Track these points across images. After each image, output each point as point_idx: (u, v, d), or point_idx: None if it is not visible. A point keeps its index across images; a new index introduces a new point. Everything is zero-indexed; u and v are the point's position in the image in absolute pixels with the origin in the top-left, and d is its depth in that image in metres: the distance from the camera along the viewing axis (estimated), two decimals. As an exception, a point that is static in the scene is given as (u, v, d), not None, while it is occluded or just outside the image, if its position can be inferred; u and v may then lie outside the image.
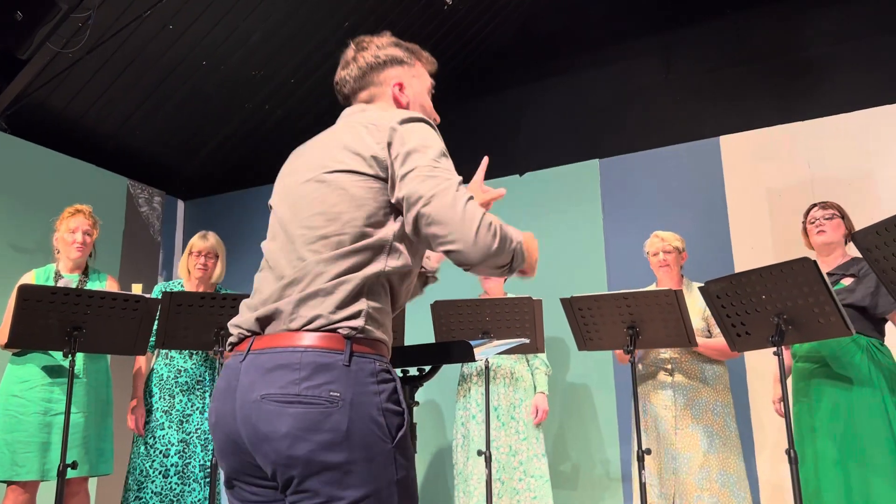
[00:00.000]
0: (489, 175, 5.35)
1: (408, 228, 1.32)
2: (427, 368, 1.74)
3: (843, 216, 3.21)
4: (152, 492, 3.34)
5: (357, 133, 1.38)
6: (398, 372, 1.78)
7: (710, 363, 3.39)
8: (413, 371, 1.75)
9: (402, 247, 1.35)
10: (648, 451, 3.02)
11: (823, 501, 2.92)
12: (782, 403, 3.20)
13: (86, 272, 3.44)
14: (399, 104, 1.56)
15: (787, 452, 2.64)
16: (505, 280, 4.02)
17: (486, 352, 1.74)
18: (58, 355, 3.20)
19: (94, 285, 3.39)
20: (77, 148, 4.96)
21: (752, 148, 4.54)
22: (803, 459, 3.05)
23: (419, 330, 4.92)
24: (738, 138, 4.60)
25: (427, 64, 1.66)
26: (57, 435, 3.12)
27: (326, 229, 1.31)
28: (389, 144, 1.34)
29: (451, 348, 1.63)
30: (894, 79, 4.28)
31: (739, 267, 4.32)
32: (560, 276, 4.86)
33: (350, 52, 1.60)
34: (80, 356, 3.27)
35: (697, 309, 3.40)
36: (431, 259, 1.79)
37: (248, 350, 1.30)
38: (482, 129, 5.60)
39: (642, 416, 3.42)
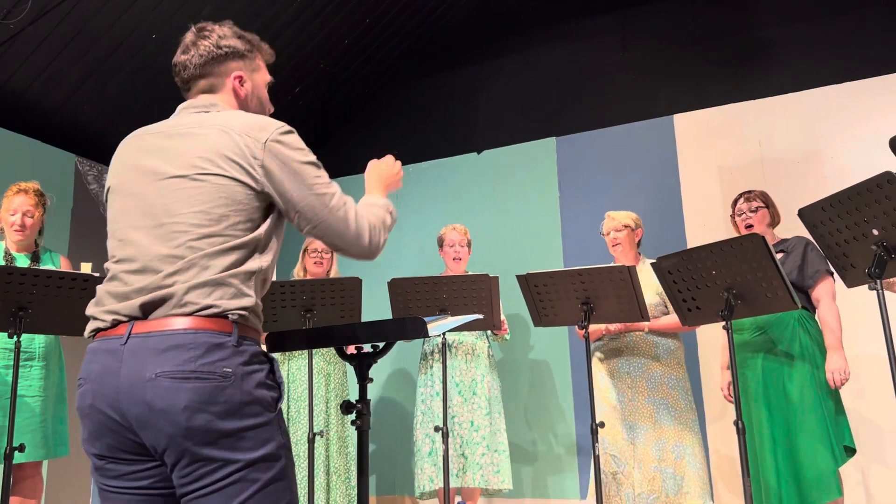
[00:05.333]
0: (448, 153, 5.35)
1: (304, 233, 1.52)
2: (381, 345, 1.74)
3: (768, 205, 3.35)
4: None
5: (230, 140, 1.46)
6: (353, 349, 1.78)
7: (664, 338, 3.46)
8: (367, 348, 1.75)
9: (271, 245, 1.50)
10: (602, 425, 3.08)
11: (762, 471, 3.06)
12: (730, 388, 3.33)
13: (36, 253, 3.35)
14: (238, 97, 1.64)
15: (736, 424, 2.72)
16: (468, 257, 4.06)
17: (441, 327, 1.75)
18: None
19: (46, 265, 3.30)
20: (21, 123, 4.79)
21: (704, 126, 4.61)
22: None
23: (377, 308, 4.91)
24: (691, 117, 4.66)
25: (266, 55, 1.73)
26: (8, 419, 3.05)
27: (210, 228, 1.41)
28: (263, 165, 1.45)
29: (404, 325, 1.62)
30: (841, 60, 4.38)
31: (692, 243, 4.40)
32: (517, 253, 4.89)
33: (190, 36, 1.64)
34: (39, 338, 3.22)
35: (653, 285, 3.46)
36: None
37: (129, 334, 1.36)
38: (440, 106, 5.57)
39: (598, 389, 3.48)
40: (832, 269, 3.07)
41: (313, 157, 1.52)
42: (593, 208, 4.67)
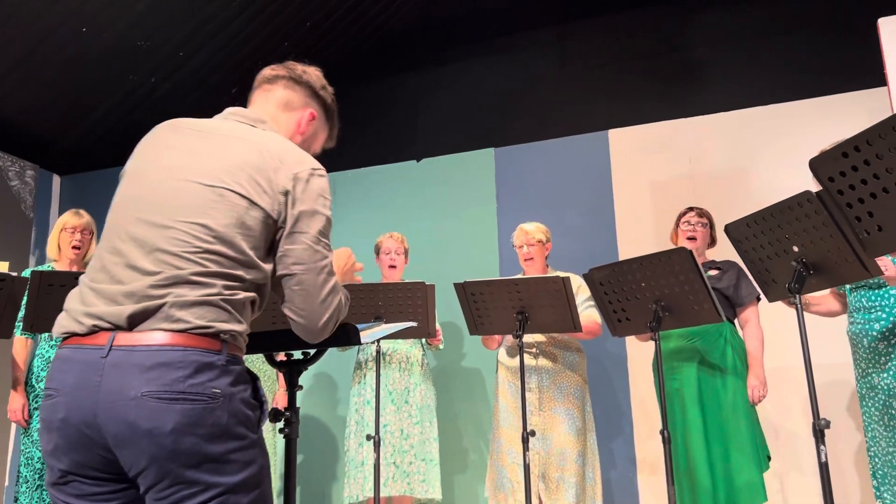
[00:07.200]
0: (387, 161, 5.34)
1: (276, 272, 1.46)
2: (312, 352, 1.72)
3: (712, 225, 3.52)
4: None
5: (264, 161, 1.43)
6: (283, 356, 1.75)
7: (569, 350, 3.59)
8: (298, 355, 1.73)
9: (269, 280, 1.46)
10: (533, 433, 3.11)
11: (696, 476, 3.15)
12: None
13: None
14: (297, 130, 1.65)
15: (661, 433, 2.79)
16: (405, 265, 4.06)
17: (374, 335, 1.73)
18: None
19: None
20: (-63, 114, 4.57)
21: (638, 142, 4.73)
22: (674, 437, 3.26)
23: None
24: (625, 132, 4.77)
25: (333, 135, 1.76)
26: None
27: (211, 245, 1.35)
28: (287, 193, 1.42)
29: (337, 331, 1.60)
30: (770, 81, 4.55)
31: (623, 255, 4.50)
32: (454, 262, 4.91)
33: (301, 64, 1.71)
34: None
35: None
36: None
37: (111, 346, 1.28)
38: (381, 113, 5.56)
39: (511, 397, 3.56)
40: (761, 294, 3.22)
41: (329, 212, 1.49)
42: (530, 219, 4.70)
